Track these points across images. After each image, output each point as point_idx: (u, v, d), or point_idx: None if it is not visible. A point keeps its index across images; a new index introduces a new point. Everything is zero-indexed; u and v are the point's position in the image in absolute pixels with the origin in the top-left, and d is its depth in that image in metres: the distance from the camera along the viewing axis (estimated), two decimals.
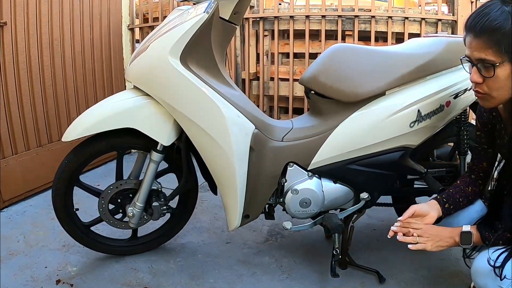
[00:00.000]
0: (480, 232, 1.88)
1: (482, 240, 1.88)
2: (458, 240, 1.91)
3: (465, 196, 2.13)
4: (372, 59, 2.47)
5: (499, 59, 1.66)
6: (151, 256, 2.85)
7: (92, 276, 2.64)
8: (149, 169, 2.57)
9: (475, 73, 1.74)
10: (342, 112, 2.44)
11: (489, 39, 1.66)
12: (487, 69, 1.70)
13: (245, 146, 2.37)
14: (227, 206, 2.48)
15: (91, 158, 2.56)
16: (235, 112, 2.34)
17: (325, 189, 2.49)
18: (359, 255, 2.82)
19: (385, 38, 4.44)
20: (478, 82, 1.74)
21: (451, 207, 2.09)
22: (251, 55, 4.99)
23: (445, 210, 2.07)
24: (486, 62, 1.69)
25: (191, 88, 2.28)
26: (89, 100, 4.39)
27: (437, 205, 2.06)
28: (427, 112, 2.47)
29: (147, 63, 2.33)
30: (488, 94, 1.76)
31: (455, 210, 2.10)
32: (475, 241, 1.90)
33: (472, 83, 1.78)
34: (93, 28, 4.43)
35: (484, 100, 1.80)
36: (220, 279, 2.63)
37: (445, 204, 2.08)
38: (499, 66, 1.67)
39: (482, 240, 1.88)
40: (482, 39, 1.68)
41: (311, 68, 2.54)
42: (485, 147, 2.11)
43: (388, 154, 2.49)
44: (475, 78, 1.74)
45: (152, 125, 2.40)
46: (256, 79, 5.05)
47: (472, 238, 1.89)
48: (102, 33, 4.58)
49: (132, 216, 2.63)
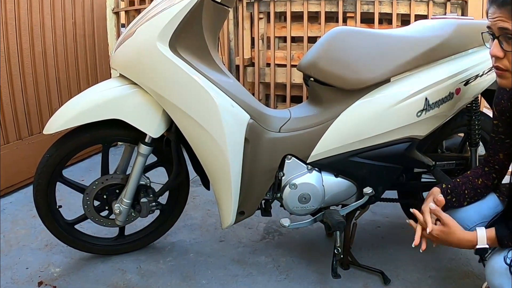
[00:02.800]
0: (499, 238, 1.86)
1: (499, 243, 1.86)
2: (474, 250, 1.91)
3: (473, 189, 2.13)
4: (375, 43, 2.46)
5: None
6: (140, 256, 2.85)
7: (76, 277, 2.64)
8: (137, 162, 2.56)
9: (496, 46, 1.75)
10: (344, 100, 2.44)
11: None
12: (508, 42, 1.71)
13: (239, 137, 2.37)
14: (221, 202, 2.48)
15: (75, 151, 2.56)
16: (229, 101, 2.34)
17: (326, 184, 2.49)
18: (362, 254, 2.83)
19: (390, 21, 4.44)
20: (499, 56, 1.75)
21: (454, 199, 2.09)
22: (245, 40, 4.97)
23: (448, 201, 2.07)
24: (509, 33, 1.69)
25: (181, 75, 2.28)
26: (72, 89, 4.37)
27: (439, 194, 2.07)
28: (436, 100, 2.46)
29: (133, 49, 2.32)
30: (508, 71, 1.76)
31: (458, 203, 2.11)
32: (490, 245, 1.89)
33: (492, 58, 1.78)
34: (75, 12, 4.41)
35: (503, 78, 1.80)
36: (213, 280, 2.63)
37: (448, 196, 2.08)
38: None
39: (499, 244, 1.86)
40: (507, 9, 1.69)
41: (310, 53, 2.53)
42: (502, 137, 2.10)
43: (394, 146, 2.49)
44: (495, 51, 1.75)
45: (140, 115, 2.40)
46: (251, 65, 5.05)
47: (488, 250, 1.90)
48: (85, 17, 4.55)
49: (119, 213, 2.62)
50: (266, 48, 4.94)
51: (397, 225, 3.20)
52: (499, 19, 1.71)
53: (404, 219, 2.15)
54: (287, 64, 4.78)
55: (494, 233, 1.88)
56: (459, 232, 1.94)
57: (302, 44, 4.75)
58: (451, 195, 2.09)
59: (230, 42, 4.81)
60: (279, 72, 4.87)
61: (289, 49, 4.73)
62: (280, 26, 4.91)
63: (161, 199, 2.73)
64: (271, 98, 4.93)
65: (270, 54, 4.86)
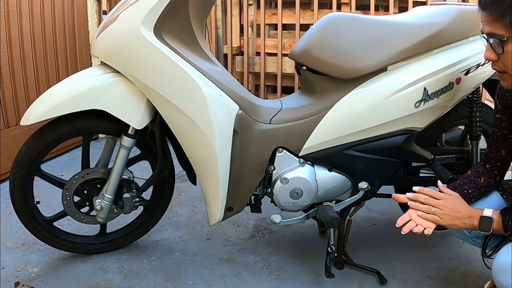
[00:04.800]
0: (503, 217, 1.88)
1: (503, 228, 1.88)
2: (477, 223, 1.91)
3: (476, 188, 2.13)
4: (371, 30, 2.47)
5: (508, 32, 1.70)
6: (122, 255, 2.85)
7: (55, 277, 2.63)
8: (119, 156, 2.55)
9: (488, 49, 1.81)
10: (338, 90, 2.44)
11: (495, 11, 1.72)
12: (497, 45, 1.75)
13: (228, 129, 2.37)
14: (208, 198, 2.48)
15: (54, 144, 2.55)
16: (217, 90, 2.34)
17: (319, 178, 2.50)
18: (357, 253, 2.83)
19: (387, 7, 4.45)
20: (492, 59, 1.78)
21: None
22: (234, 27, 4.97)
23: None
24: (496, 36, 1.74)
25: (167, 63, 2.27)
26: (50, 79, 4.35)
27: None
28: (435, 91, 2.47)
29: (116, 36, 2.31)
30: (506, 72, 1.78)
31: None
32: (495, 228, 1.90)
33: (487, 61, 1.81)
34: None
35: (503, 80, 1.85)
36: (199, 280, 2.63)
37: None
38: (507, 41, 1.70)
39: (504, 228, 1.88)
40: (489, 11, 1.73)
41: (302, 40, 2.54)
42: (505, 132, 2.11)
43: (391, 138, 2.50)
44: (487, 54, 1.81)
45: (122, 106, 2.39)
46: (240, 54, 5.06)
47: (492, 225, 1.90)
48: (64, 3, 4.52)
49: (100, 210, 2.61)
50: (256, 36, 4.94)
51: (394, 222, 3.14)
52: (485, 23, 1.76)
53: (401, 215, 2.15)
54: (278, 53, 4.79)
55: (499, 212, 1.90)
56: (467, 204, 1.98)
57: (294, 32, 4.76)
58: None
59: (217, 30, 4.82)
60: (270, 61, 4.88)
61: (280, 37, 4.74)
62: (271, 13, 4.92)
63: (144, 194, 2.72)
64: (261, 88, 4.94)
65: (260, 43, 4.87)
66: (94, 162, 2.69)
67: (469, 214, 1.93)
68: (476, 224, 1.91)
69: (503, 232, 1.89)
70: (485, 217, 1.90)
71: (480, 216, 1.91)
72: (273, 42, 4.87)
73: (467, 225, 1.93)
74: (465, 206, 1.96)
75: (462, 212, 1.93)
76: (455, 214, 1.93)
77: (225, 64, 4.91)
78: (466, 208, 1.96)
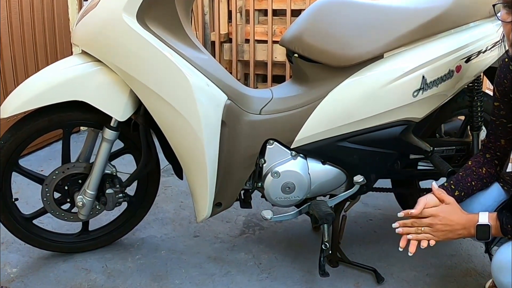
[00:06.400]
0: (500, 221, 1.88)
1: (502, 233, 1.88)
2: (474, 232, 1.90)
3: (479, 179, 2.13)
4: (367, 15, 2.47)
5: None
6: (105, 254, 2.84)
7: (35, 278, 2.63)
8: (102, 149, 2.54)
9: None
10: (332, 78, 2.44)
11: None
12: None
13: (215, 120, 2.36)
14: (195, 193, 2.48)
15: (32, 137, 2.54)
16: (204, 79, 2.33)
17: (312, 171, 2.50)
18: (352, 250, 2.84)
19: None
20: None
21: (463, 193, 2.08)
22: (221, 13, 4.98)
23: (456, 199, 2.04)
24: None
25: (150, 51, 2.26)
26: (29, 69, 4.32)
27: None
28: (434, 79, 2.46)
29: (97, 22, 2.30)
30: None
31: (467, 196, 2.11)
32: (493, 233, 1.89)
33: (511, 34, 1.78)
34: None
35: None
36: (187, 280, 2.63)
37: (454, 192, 2.07)
38: None
39: (502, 232, 1.88)
40: None
41: (294, 26, 2.54)
42: (504, 121, 2.11)
43: (387, 129, 2.50)
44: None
45: (104, 96, 2.38)
46: (228, 41, 5.06)
47: (490, 232, 1.89)
48: None
49: (82, 206, 2.60)
50: (245, 22, 4.94)
51: (391, 217, 3.16)
52: None
53: (399, 210, 2.15)
54: (268, 40, 4.79)
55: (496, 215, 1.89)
56: (461, 211, 1.96)
57: (285, 18, 4.76)
58: (457, 190, 2.08)
59: (204, 16, 4.81)
60: (260, 49, 4.88)
61: (270, 23, 4.73)
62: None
63: (128, 190, 2.72)
64: (250, 77, 4.95)
65: (249, 29, 4.88)
66: (75, 156, 2.68)
67: (463, 225, 1.92)
68: (473, 233, 1.91)
69: (503, 236, 1.88)
70: (482, 225, 1.89)
71: (476, 225, 1.90)
72: (263, 28, 4.87)
73: (463, 235, 1.94)
74: (458, 216, 1.95)
75: (455, 224, 1.93)
76: (447, 228, 1.93)
77: (212, 52, 4.91)
78: (460, 217, 1.94)
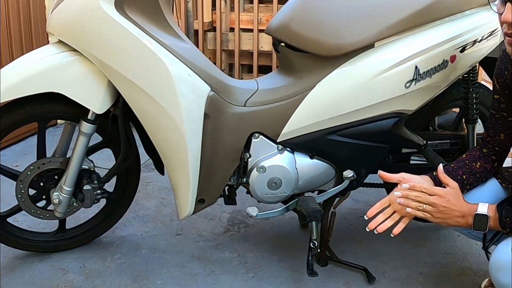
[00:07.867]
0: (499, 213, 1.88)
1: (500, 225, 1.88)
2: (472, 222, 1.90)
3: (471, 173, 2.13)
4: (357, 2, 2.48)
5: None
6: (84, 253, 2.83)
7: (10, 279, 2.62)
8: (79, 143, 2.53)
9: (509, 11, 1.74)
10: (320, 69, 2.43)
11: None
12: None
13: (198, 112, 2.36)
14: (177, 189, 2.48)
15: (6, 131, 2.54)
16: (185, 69, 2.32)
17: (299, 166, 2.50)
18: (342, 249, 2.84)
19: None
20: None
21: None
22: (205, 0, 4.97)
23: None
24: None
25: (129, 40, 2.26)
26: (3, 59, 4.29)
27: (430, 182, 2.05)
28: (427, 69, 2.46)
29: (73, 10, 2.29)
30: None
31: None
32: (491, 225, 1.90)
33: (504, 25, 1.79)
34: None
35: None
36: (169, 280, 2.63)
37: (442, 184, 2.05)
38: None
39: (501, 225, 1.88)
40: None
41: (280, 14, 2.54)
42: (505, 114, 2.11)
43: (378, 122, 2.50)
44: (507, 16, 1.75)
45: (81, 88, 2.37)
46: (212, 30, 5.07)
47: (488, 223, 1.89)
48: None
49: (58, 203, 2.59)
50: (230, 10, 4.95)
51: None
52: None
53: None
54: (254, 28, 4.82)
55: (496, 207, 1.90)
56: (463, 199, 1.96)
57: (271, 6, 4.79)
58: None
59: (187, 4, 4.82)
60: (245, 37, 4.90)
61: (256, 11, 4.75)
62: None
63: (107, 186, 2.72)
64: (235, 68, 4.97)
65: (234, 17, 4.89)
66: (52, 151, 2.67)
67: (463, 212, 1.92)
68: (470, 223, 1.91)
69: (500, 229, 1.88)
70: (480, 215, 1.89)
71: (475, 214, 1.89)
72: (249, 16, 4.89)
73: (460, 223, 1.93)
74: (460, 203, 1.94)
75: (456, 211, 1.92)
76: (448, 213, 1.93)
77: (195, 41, 4.92)
78: (462, 205, 1.94)
